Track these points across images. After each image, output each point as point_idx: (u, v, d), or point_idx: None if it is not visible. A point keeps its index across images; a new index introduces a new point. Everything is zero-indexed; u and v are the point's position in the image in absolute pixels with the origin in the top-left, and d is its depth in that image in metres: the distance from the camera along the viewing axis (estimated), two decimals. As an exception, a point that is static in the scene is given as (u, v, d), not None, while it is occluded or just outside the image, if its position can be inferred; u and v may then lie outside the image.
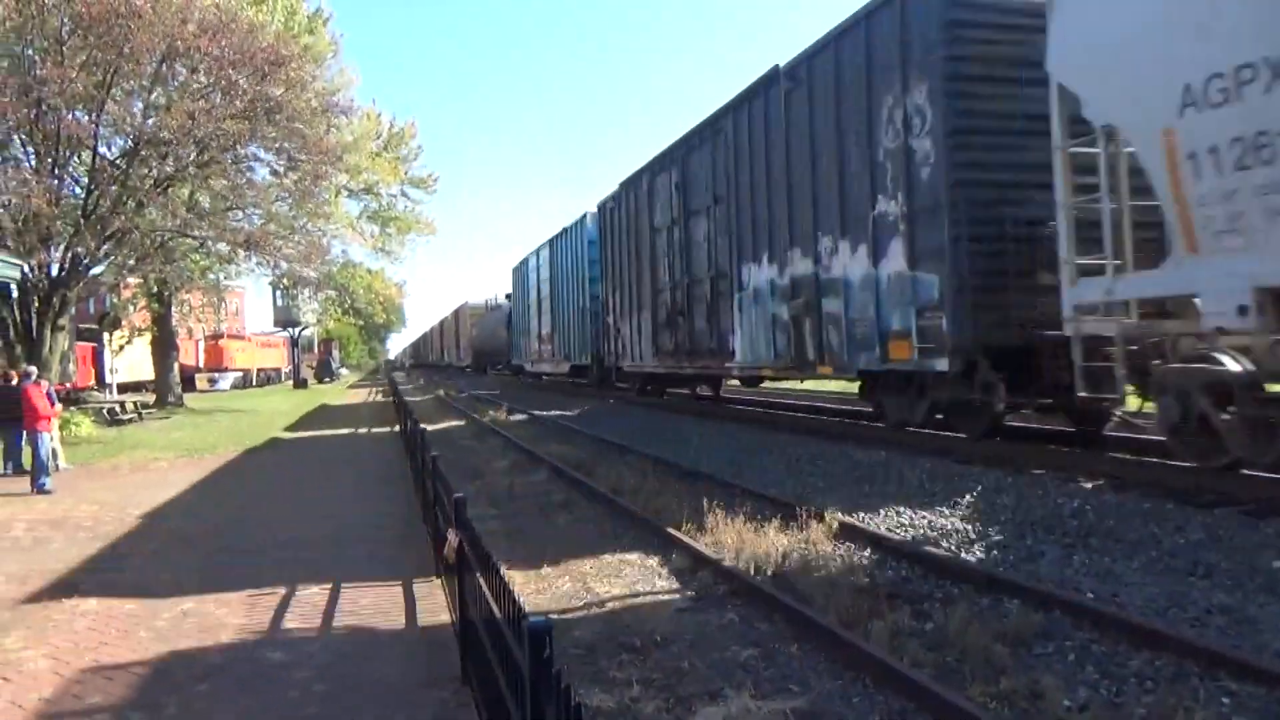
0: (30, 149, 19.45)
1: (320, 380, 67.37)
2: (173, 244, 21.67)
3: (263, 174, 23.73)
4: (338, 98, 26.54)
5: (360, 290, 47.53)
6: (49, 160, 19.04)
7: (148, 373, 36.15)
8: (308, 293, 38.19)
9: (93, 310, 37.09)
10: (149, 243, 20.65)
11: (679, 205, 16.79)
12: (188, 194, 22.50)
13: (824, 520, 7.51)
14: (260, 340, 65.74)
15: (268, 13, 26.93)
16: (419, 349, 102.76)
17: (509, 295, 41.53)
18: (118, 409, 25.18)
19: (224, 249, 23.61)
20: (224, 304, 36.63)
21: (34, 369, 14.95)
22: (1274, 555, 5.77)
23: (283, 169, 23.15)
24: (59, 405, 14.76)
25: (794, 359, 12.57)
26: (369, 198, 38.98)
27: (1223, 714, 3.94)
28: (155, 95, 20.40)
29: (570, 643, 5.29)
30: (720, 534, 7.44)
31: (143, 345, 34.51)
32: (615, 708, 4.38)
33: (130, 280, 25.49)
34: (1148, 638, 4.76)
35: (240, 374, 57.30)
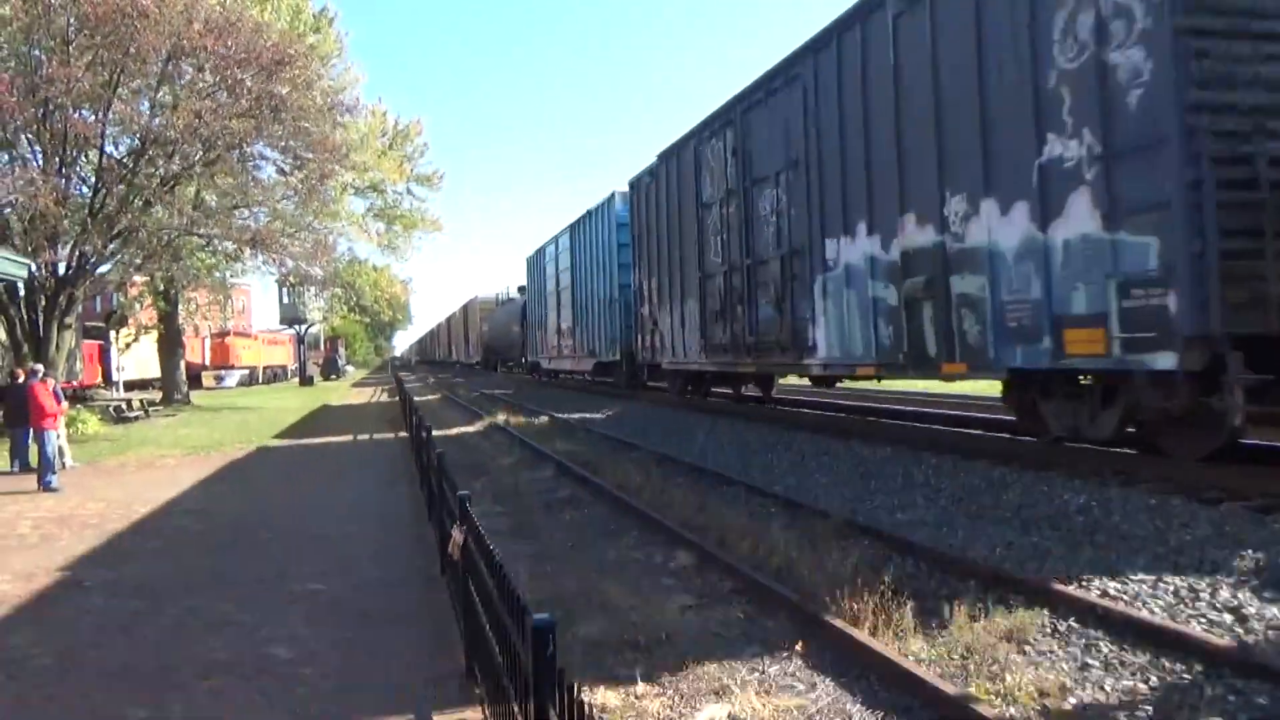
0: (37, 148, 19.49)
1: (326, 378, 67.59)
2: (179, 242, 21.69)
3: (269, 172, 23.80)
4: (343, 96, 26.60)
5: (366, 287, 47.60)
6: (56, 159, 19.08)
7: (154, 370, 36.30)
8: (314, 290, 38.30)
9: (99, 308, 37.20)
10: (156, 241, 20.67)
11: (736, 174, 14.39)
12: (194, 192, 22.54)
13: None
14: (266, 338, 65.92)
15: (273, 12, 26.97)
16: (425, 346, 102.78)
17: (522, 288, 39.91)
18: (124, 407, 25.29)
19: (230, 247, 23.65)
20: (230, 302, 36.76)
21: (41, 367, 15.03)
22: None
23: (289, 167, 23.19)
24: (65, 403, 14.83)
25: (907, 354, 10.05)
26: (375, 195, 39.04)
27: (1229, 712, 3.93)
28: (162, 94, 20.42)
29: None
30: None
31: (149, 343, 34.69)
32: (620, 704, 4.39)
33: (137, 278, 25.58)
34: (1152, 635, 4.75)
35: (246, 372, 57.42)
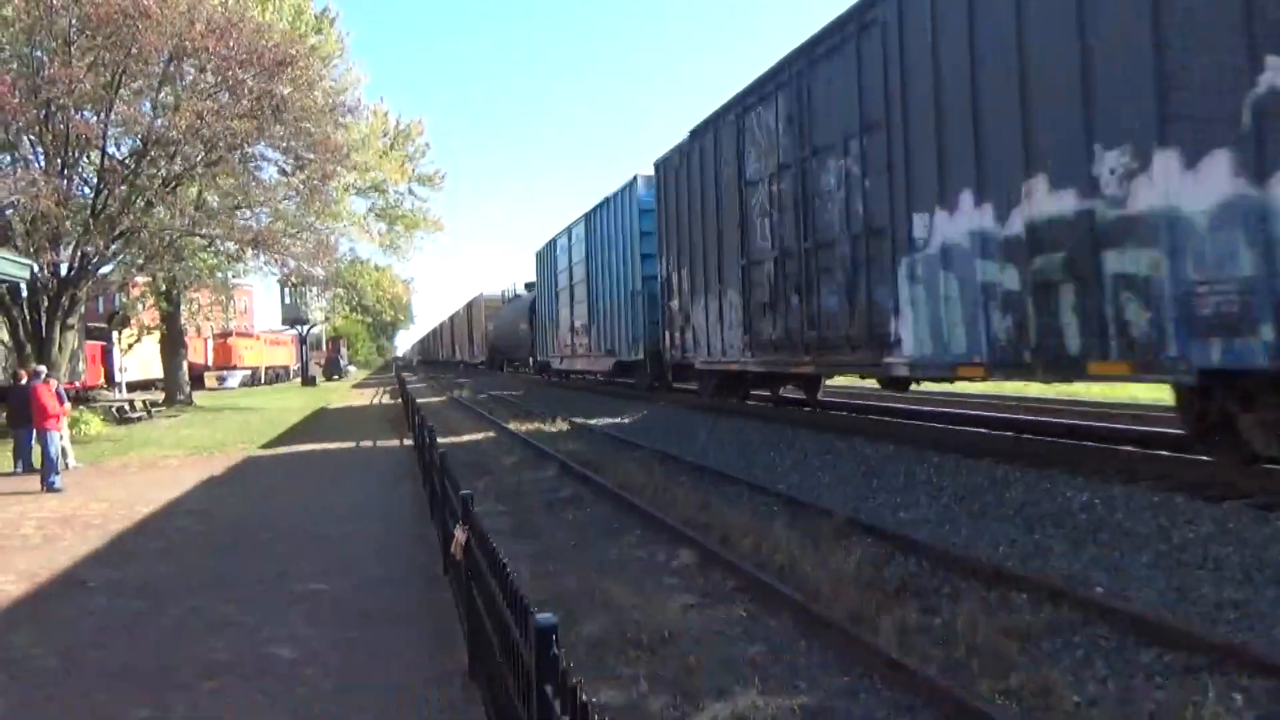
0: (39, 149, 19.50)
1: (329, 378, 67.69)
2: (181, 243, 21.71)
3: (270, 173, 23.81)
4: (345, 97, 26.58)
5: (368, 288, 47.61)
6: (58, 160, 19.09)
7: (157, 371, 36.33)
8: (316, 291, 38.36)
9: (102, 309, 37.27)
10: (158, 242, 20.68)
11: (791, 145, 12.60)
12: (196, 193, 22.55)
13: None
14: (269, 338, 65.93)
15: (275, 12, 26.98)
16: (427, 346, 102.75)
17: (529, 285, 38.37)
18: (127, 407, 25.29)
19: (232, 248, 23.66)
20: (232, 302, 36.80)
21: (43, 368, 15.05)
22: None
23: (290, 168, 23.20)
24: (68, 404, 14.83)
25: (1035, 352, 8.15)
26: (376, 195, 39.07)
27: (1233, 710, 3.92)
28: (163, 95, 20.43)
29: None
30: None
31: (152, 344, 34.73)
32: (623, 704, 4.38)
33: (139, 279, 25.60)
34: (1156, 632, 4.73)
35: (249, 372, 57.44)
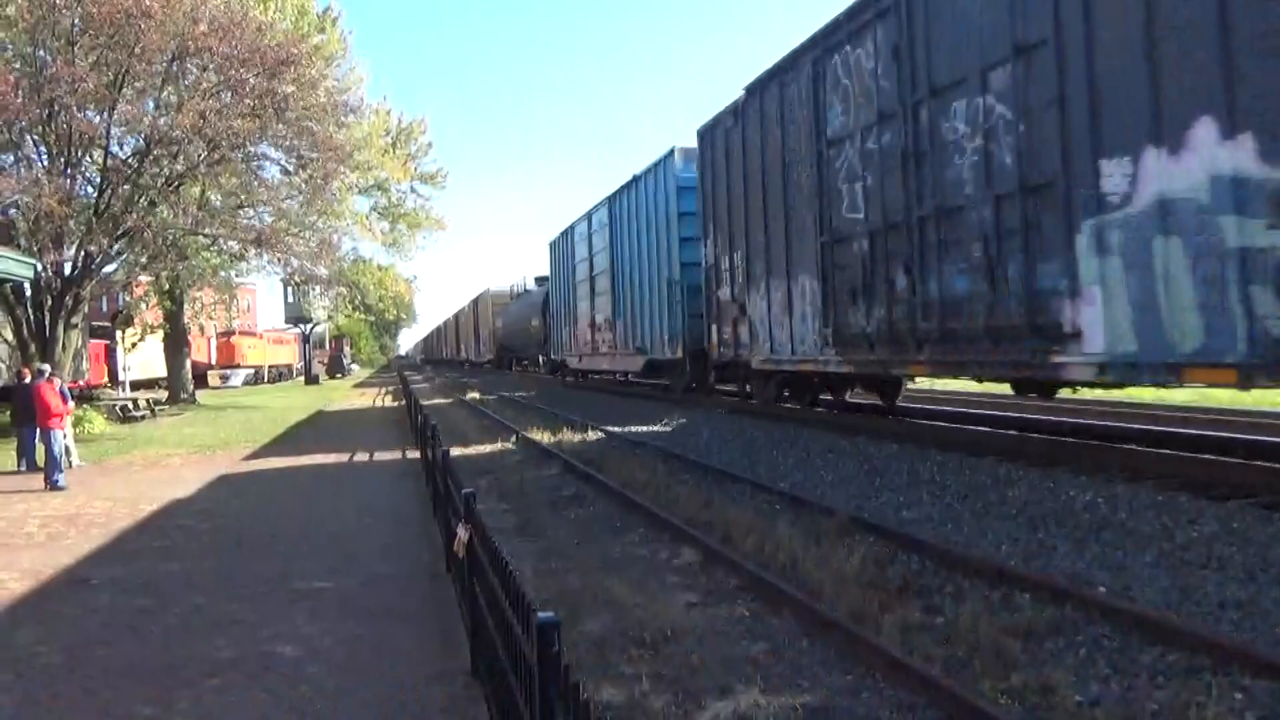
0: (42, 148, 19.54)
1: (332, 376, 67.75)
2: (184, 242, 21.74)
3: (273, 172, 23.84)
4: (347, 96, 26.60)
5: (371, 286, 47.63)
6: (61, 160, 19.12)
7: (160, 370, 36.39)
8: (319, 289, 38.31)
9: (105, 308, 37.35)
10: (161, 241, 20.72)
11: (895, 88, 10.11)
12: (199, 192, 22.59)
13: None
14: (272, 337, 65.99)
15: (278, 11, 27.01)
16: (430, 344, 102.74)
17: (540, 279, 36.76)
18: (130, 406, 25.32)
19: (235, 247, 23.70)
20: (235, 301, 36.77)
21: (47, 367, 15.07)
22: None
23: (293, 167, 23.22)
24: (72, 403, 14.86)
25: None
26: (379, 194, 39.14)
27: (1236, 709, 3.91)
28: (166, 94, 20.47)
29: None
30: None
31: (155, 343, 34.73)
32: (624, 702, 4.39)
33: (142, 278, 25.62)
34: (1159, 632, 4.73)
35: (252, 371, 57.49)
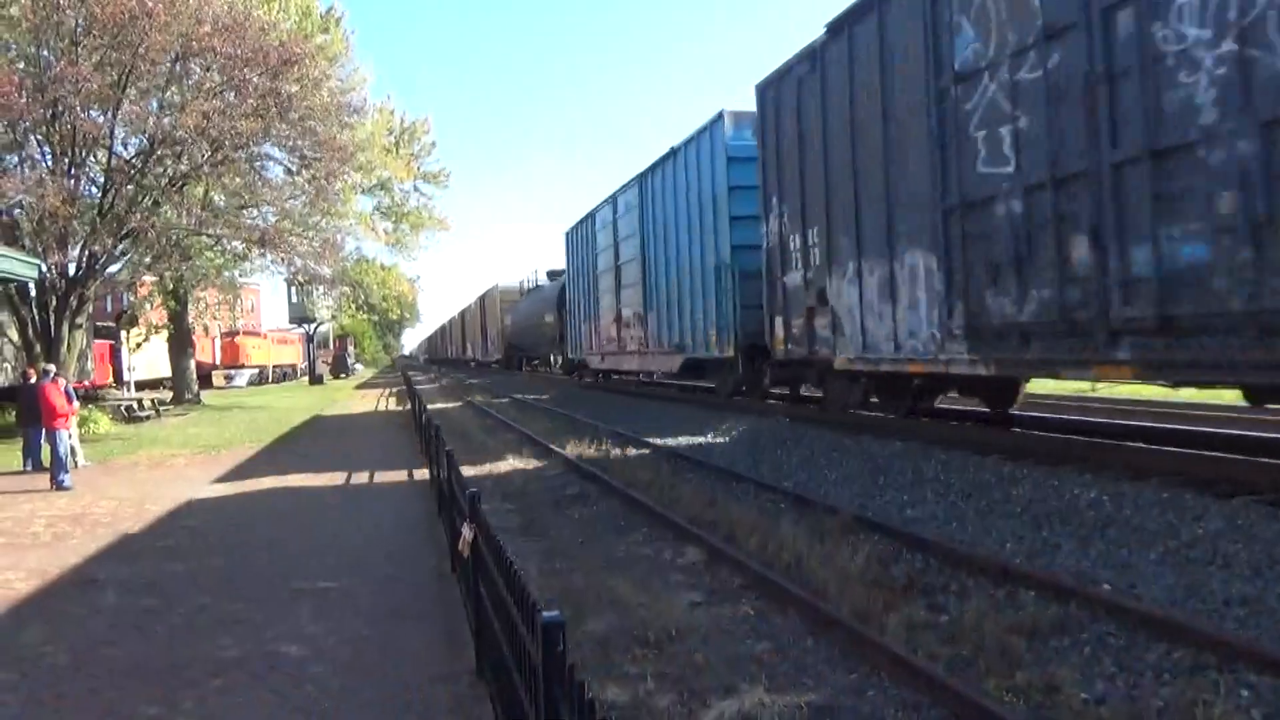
0: (46, 148, 19.56)
1: (336, 376, 67.84)
2: (188, 242, 21.77)
3: (276, 172, 23.86)
4: (350, 97, 26.61)
5: (374, 286, 47.60)
6: (65, 160, 19.15)
7: (165, 370, 36.43)
8: (322, 289, 38.37)
9: (110, 308, 37.39)
10: (165, 241, 20.74)
11: None
12: (203, 192, 22.61)
13: None
14: (276, 337, 66.08)
15: (281, 11, 27.02)
16: (434, 343, 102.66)
17: (553, 273, 35.06)
18: (135, 406, 25.37)
19: (239, 247, 23.72)
20: (239, 301, 36.80)
21: (52, 367, 15.09)
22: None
23: (296, 167, 23.24)
24: (77, 403, 14.89)
25: None
26: (382, 193, 39.14)
27: (1241, 707, 3.90)
28: (170, 94, 20.48)
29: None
30: None
31: (160, 343, 34.77)
32: (629, 701, 4.38)
33: (147, 278, 25.65)
34: (1164, 629, 4.72)
35: (256, 371, 57.59)
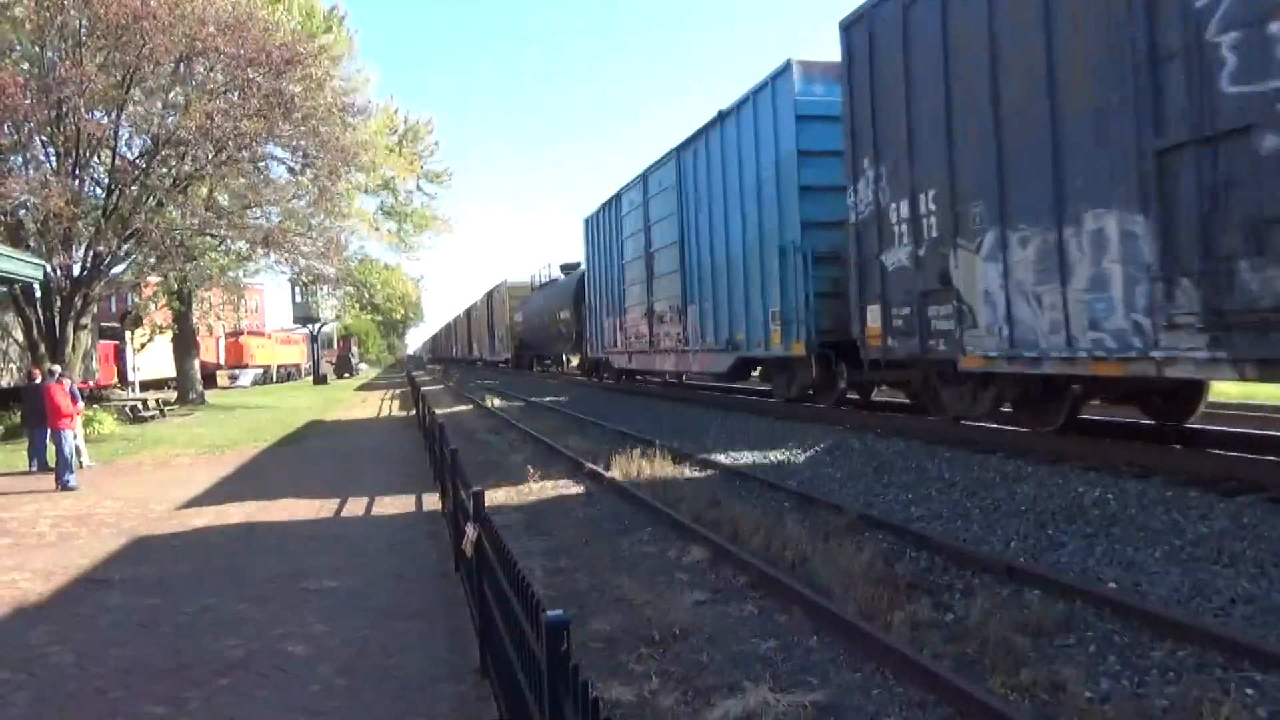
0: (51, 149, 19.60)
1: (340, 376, 68.00)
2: (192, 243, 21.80)
3: (280, 172, 23.88)
4: (354, 97, 26.61)
5: (378, 285, 47.63)
6: (69, 161, 19.18)
7: (169, 370, 36.49)
8: (326, 289, 38.47)
9: (114, 309, 37.46)
10: (169, 241, 20.78)
11: None
12: (206, 193, 22.64)
13: None
14: (280, 337, 66.17)
15: (285, 11, 27.03)
16: (438, 343, 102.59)
17: (567, 266, 33.37)
18: (140, 406, 25.42)
19: (243, 247, 23.75)
20: (244, 301, 36.87)
21: (57, 368, 15.14)
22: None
23: (299, 166, 23.25)
24: (82, 403, 14.92)
25: None
26: (385, 193, 39.15)
27: (1247, 705, 3.90)
28: (174, 95, 20.51)
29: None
30: None
31: (164, 343, 34.86)
32: (634, 700, 4.39)
33: (151, 279, 25.69)
34: (1169, 628, 4.71)
35: (261, 370, 57.69)
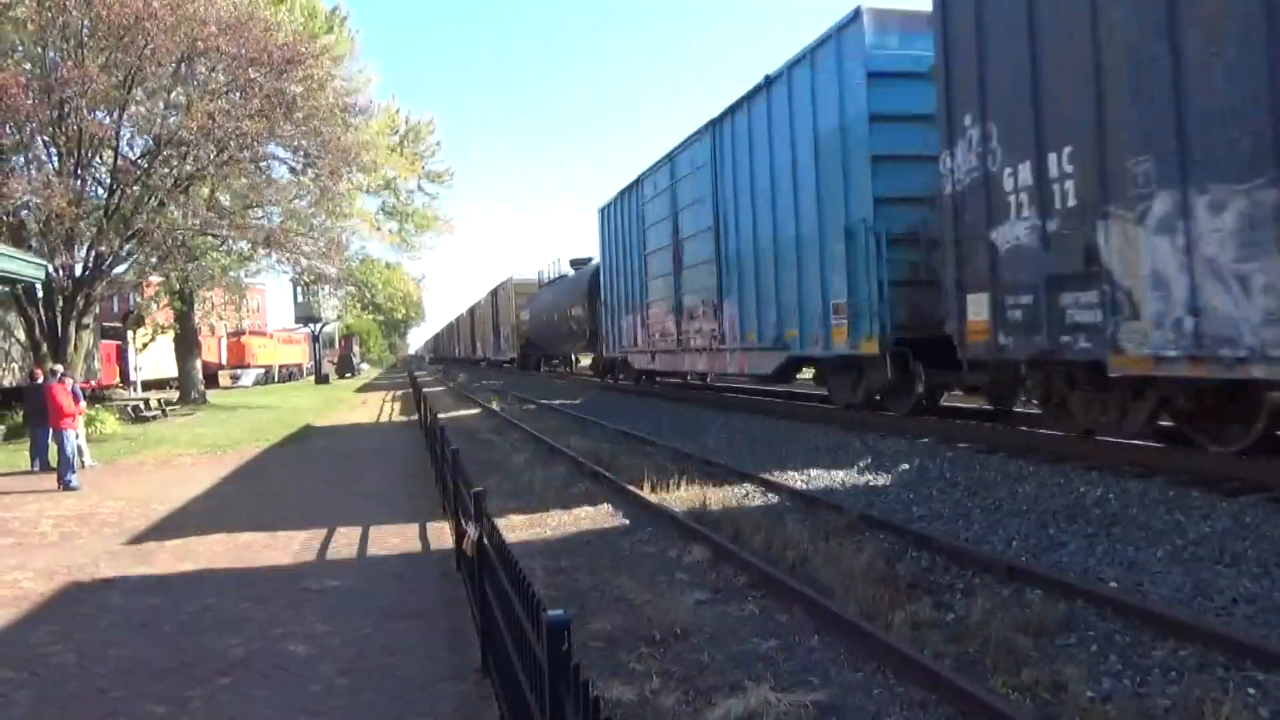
0: (53, 150, 19.62)
1: (342, 375, 68.04)
2: (194, 243, 21.82)
3: (281, 172, 23.89)
4: (355, 98, 26.62)
5: (379, 285, 47.61)
6: (71, 161, 19.20)
7: (171, 370, 36.54)
8: (328, 289, 38.45)
9: (116, 309, 37.51)
10: (171, 241, 20.80)
11: None
12: (208, 193, 22.65)
13: None
14: (282, 337, 66.24)
15: (287, 11, 27.04)
16: (440, 342, 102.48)
17: (577, 261, 32.20)
18: (142, 406, 25.45)
19: (244, 247, 23.78)
20: (245, 301, 36.91)
21: (59, 367, 15.16)
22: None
23: (300, 166, 23.26)
24: (84, 403, 14.94)
25: None
26: (387, 193, 39.17)
27: (1249, 705, 3.89)
28: (175, 94, 20.52)
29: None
30: None
31: (166, 343, 34.94)
32: (635, 700, 4.38)
33: (153, 279, 25.73)
34: (1171, 627, 4.71)
35: (262, 370, 57.73)
